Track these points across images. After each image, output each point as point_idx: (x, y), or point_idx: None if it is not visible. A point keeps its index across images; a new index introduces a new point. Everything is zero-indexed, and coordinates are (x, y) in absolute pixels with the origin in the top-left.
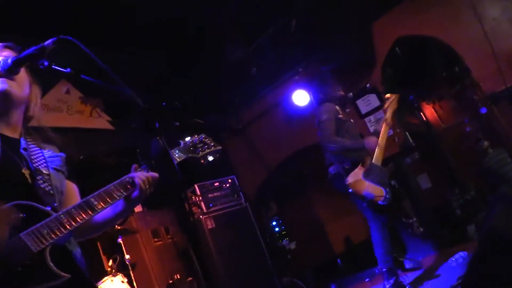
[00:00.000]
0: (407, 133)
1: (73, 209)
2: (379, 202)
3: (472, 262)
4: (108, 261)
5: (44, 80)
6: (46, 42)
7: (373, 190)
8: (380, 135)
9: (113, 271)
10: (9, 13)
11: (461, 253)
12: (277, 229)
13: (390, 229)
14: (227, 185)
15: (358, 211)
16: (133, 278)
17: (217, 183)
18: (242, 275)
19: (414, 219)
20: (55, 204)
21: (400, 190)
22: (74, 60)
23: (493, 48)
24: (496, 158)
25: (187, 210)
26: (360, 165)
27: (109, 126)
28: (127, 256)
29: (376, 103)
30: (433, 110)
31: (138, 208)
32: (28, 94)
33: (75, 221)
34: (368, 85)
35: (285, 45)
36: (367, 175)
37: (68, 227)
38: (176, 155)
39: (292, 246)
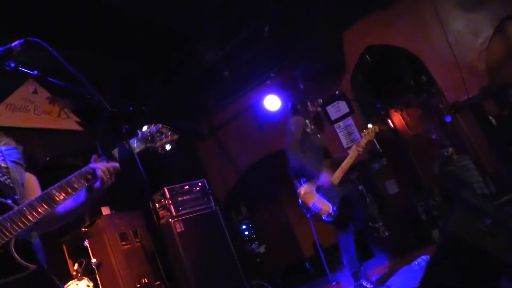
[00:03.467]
0: (374, 139)
1: (35, 201)
2: (323, 217)
3: (430, 264)
4: (74, 265)
5: (11, 79)
6: (13, 44)
7: (322, 204)
8: (348, 158)
9: (79, 275)
10: None
11: (423, 257)
12: (246, 232)
13: (358, 236)
14: (197, 188)
15: None
16: (99, 282)
17: (187, 186)
18: (211, 279)
19: (381, 223)
20: (16, 197)
21: (367, 195)
22: (43, 60)
23: (456, 59)
24: (459, 164)
25: (154, 214)
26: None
27: (77, 127)
28: (93, 260)
29: (346, 109)
30: (401, 118)
31: (106, 211)
32: None
33: (38, 213)
34: (337, 92)
35: (258, 50)
36: (319, 189)
37: (31, 219)
38: (135, 145)
39: (262, 249)
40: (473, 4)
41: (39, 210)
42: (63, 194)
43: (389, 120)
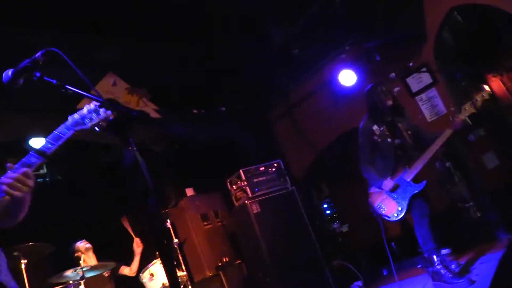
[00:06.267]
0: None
1: None
2: (386, 218)
3: (503, 258)
4: None
5: (92, 73)
6: (37, 55)
7: (388, 205)
8: (434, 143)
9: None
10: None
11: None
12: (328, 211)
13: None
14: (273, 169)
15: None
16: (182, 261)
17: (263, 168)
18: (289, 259)
19: (471, 203)
20: None
21: (456, 172)
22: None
23: None
24: None
25: (231, 195)
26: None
27: (156, 115)
28: (175, 240)
29: (428, 80)
30: (500, 83)
31: (190, 192)
32: None
33: None
34: (411, 64)
35: (330, 23)
36: (389, 189)
37: None
38: (61, 133)
39: (344, 229)
40: None
41: None
42: None
43: (486, 87)
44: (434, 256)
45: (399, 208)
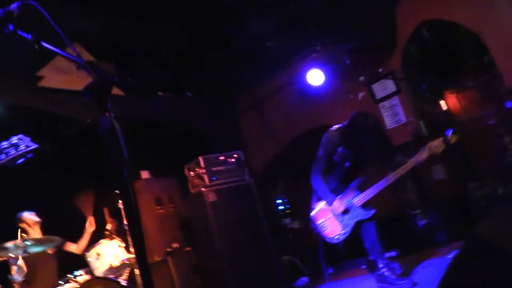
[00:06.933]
0: (421, 122)
1: None
2: (326, 239)
3: (451, 264)
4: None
5: (57, 42)
6: (12, 6)
7: (331, 226)
8: (394, 173)
9: (111, 235)
10: None
11: None
12: (281, 207)
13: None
14: (233, 159)
15: None
16: (131, 243)
17: (222, 157)
18: (240, 250)
19: (419, 210)
20: None
21: (409, 180)
22: None
23: None
24: None
25: (188, 182)
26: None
27: (119, 92)
28: (125, 221)
29: (393, 88)
30: (456, 100)
31: (145, 175)
32: None
33: None
34: (381, 70)
35: (305, 22)
36: (339, 211)
37: None
38: None
39: (295, 225)
40: None
41: None
42: None
43: (442, 102)
44: (379, 260)
45: (342, 232)
